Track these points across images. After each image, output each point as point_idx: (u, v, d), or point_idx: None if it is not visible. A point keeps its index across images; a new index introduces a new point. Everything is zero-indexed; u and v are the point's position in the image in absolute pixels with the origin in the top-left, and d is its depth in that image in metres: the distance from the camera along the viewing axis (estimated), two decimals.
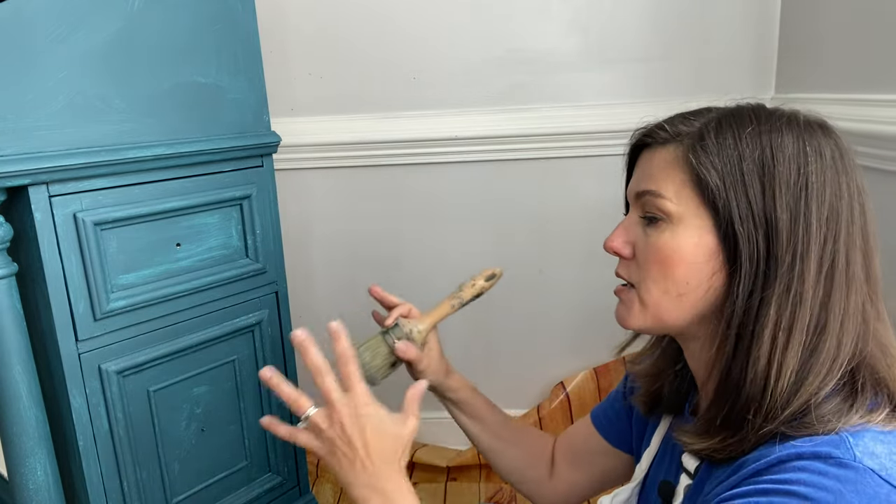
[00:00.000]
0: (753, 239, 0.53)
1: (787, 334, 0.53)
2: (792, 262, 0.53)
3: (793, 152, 0.54)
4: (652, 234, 0.58)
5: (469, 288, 0.85)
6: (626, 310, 0.62)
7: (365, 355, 0.82)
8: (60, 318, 0.93)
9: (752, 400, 0.54)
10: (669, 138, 0.58)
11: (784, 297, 0.53)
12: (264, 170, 1.14)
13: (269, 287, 1.19)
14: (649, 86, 1.49)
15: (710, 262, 0.56)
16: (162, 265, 1.04)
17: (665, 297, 0.58)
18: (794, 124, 0.55)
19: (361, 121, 1.53)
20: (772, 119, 0.56)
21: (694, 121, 0.58)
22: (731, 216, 0.54)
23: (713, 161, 0.54)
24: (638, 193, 0.60)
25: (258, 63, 1.11)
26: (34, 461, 0.93)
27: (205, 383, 1.13)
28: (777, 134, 0.54)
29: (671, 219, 0.57)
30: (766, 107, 0.58)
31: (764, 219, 0.53)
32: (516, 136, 1.51)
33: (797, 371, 0.53)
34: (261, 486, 1.25)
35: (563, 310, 1.64)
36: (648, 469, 0.73)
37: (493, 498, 1.56)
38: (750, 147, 0.54)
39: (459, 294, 0.85)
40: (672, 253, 0.56)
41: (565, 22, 1.47)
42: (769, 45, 1.46)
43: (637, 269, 0.60)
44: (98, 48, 0.92)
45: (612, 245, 0.62)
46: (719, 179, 0.54)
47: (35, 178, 0.87)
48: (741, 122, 0.56)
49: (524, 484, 0.89)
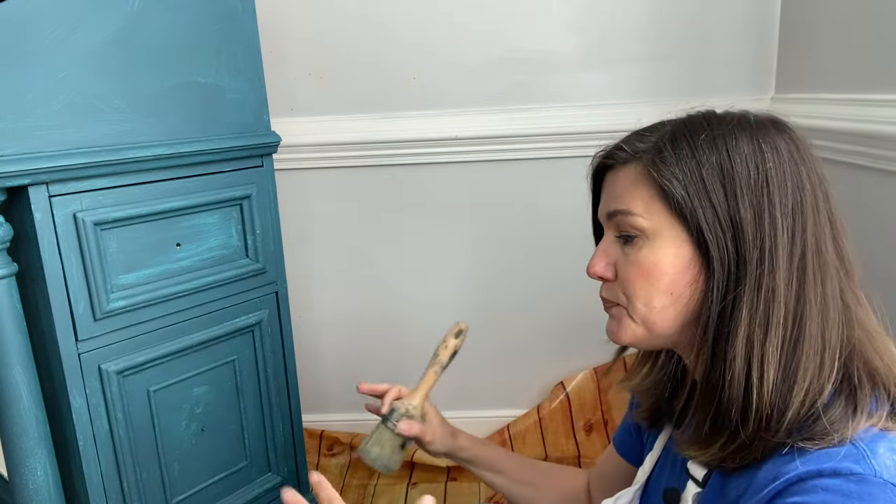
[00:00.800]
0: (723, 243, 0.54)
1: (763, 330, 0.53)
2: (760, 258, 0.54)
3: (749, 152, 0.55)
4: (630, 252, 0.59)
5: (444, 350, 0.88)
6: (617, 325, 0.62)
7: (374, 450, 0.85)
8: (60, 318, 0.93)
9: (733, 401, 0.54)
10: (629, 157, 0.60)
11: (756, 293, 0.54)
12: (264, 170, 1.14)
13: (269, 287, 1.19)
14: (649, 86, 1.49)
15: (689, 270, 0.57)
16: (162, 265, 1.04)
17: (652, 310, 0.59)
18: (746, 124, 0.57)
19: (361, 121, 1.53)
20: (723, 123, 0.57)
21: (649, 136, 0.60)
22: (700, 223, 0.55)
23: (674, 172, 0.56)
24: (609, 214, 0.61)
25: (258, 63, 1.11)
26: (34, 461, 0.93)
27: (205, 383, 1.13)
28: (731, 137, 0.55)
29: (646, 234, 0.58)
30: (716, 112, 0.60)
31: (730, 221, 0.54)
32: (516, 136, 1.50)
33: (783, 366, 0.53)
34: (261, 486, 1.25)
35: (563, 310, 1.64)
36: (650, 473, 0.72)
37: (493, 498, 1.56)
38: (707, 153, 0.55)
39: (438, 360, 0.88)
40: (653, 267, 0.57)
41: (565, 22, 1.47)
42: (769, 45, 1.46)
43: (621, 290, 0.61)
44: (98, 48, 0.92)
45: (594, 270, 0.63)
46: (683, 189, 0.55)
47: (35, 178, 0.87)
48: (694, 131, 0.57)
49: None
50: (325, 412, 1.75)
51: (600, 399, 1.65)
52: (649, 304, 0.58)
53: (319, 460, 1.70)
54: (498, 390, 1.73)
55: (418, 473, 1.65)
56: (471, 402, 1.72)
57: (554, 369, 1.68)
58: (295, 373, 1.27)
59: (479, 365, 1.67)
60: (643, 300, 0.59)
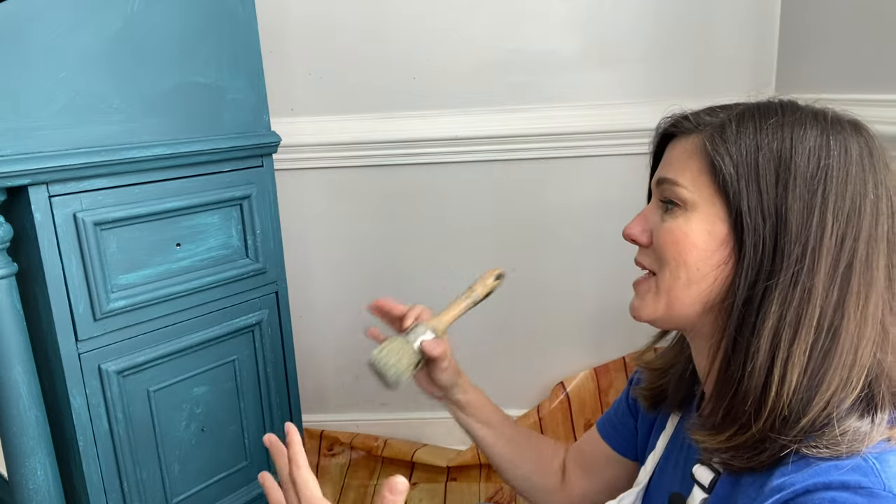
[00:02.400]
0: (760, 230, 0.53)
1: (793, 329, 0.52)
2: (801, 255, 0.52)
3: (814, 145, 0.53)
4: (668, 219, 0.58)
5: (481, 286, 0.85)
6: (640, 300, 0.62)
7: (390, 358, 0.80)
8: (60, 318, 0.93)
9: (750, 393, 0.53)
10: (693, 128, 0.59)
11: (790, 290, 0.52)
12: (264, 170, 1.14)
13: (269, 287, 1.19)
14: (649, 86, 1.49)
15: (720, 250, 0.55)
16: (162, 265, 1.04)
17: (676, 283, 0.58)
18: (822, 119, 0.55)
19: (361, 121, 1.53)
20: (797, 113, 0.55)
21: (719, 112, 0.58)
22: (741, 205, 0.53)
23: (729, 150, 0.54)
24: (658, 181, 0.61)
25: (258, 63, 1.11)
26: (34, 461, 0.93)
27: (205, 383, 1.13)
28: (800, 127, 0.54)
29: (686, 205, 0.57)
30: (796, 102, 0.57)
31: (774, 210, 0.53)
32: (516, 136, 1.50)
33: (808, 372, 0.51)
34: (261, 486, 1.25)
35: (563, 309, 1.64)
36: (653, 473, 0.72)
37: (493, 498, 1.56)
38: (769, 137, 0.54)
39: (473, 293, 0.85)
40: (684, 238, 0.56)
41: (565, 22, 1.47)
42: (769, 45, 1.46)
43: (654, 256, 0.60)
44: (98, 48, 0.92)
45: (629, 232, 0.63)
46: (733, 168, 0.54)
47: (35, 178, 0.87)
48: (766, 114, 0.55)
49: (536, 492, 0.88)
50: (325, 412, 1.75)
51: (600, 399, 1.65)
52: (675, 276, 0.58)
53: (319, 460, 1.70)
54: (498, 390, 1.72)
55: (418, 473, 1.65)
56: None
57: (554, 369, 1.68)
58: (295, 373, 1.27)
59: (479, 364, 1.67)
60: (672, 269, 0.58)
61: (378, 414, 1.74)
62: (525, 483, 0.89)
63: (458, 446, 1.68)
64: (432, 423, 1.72)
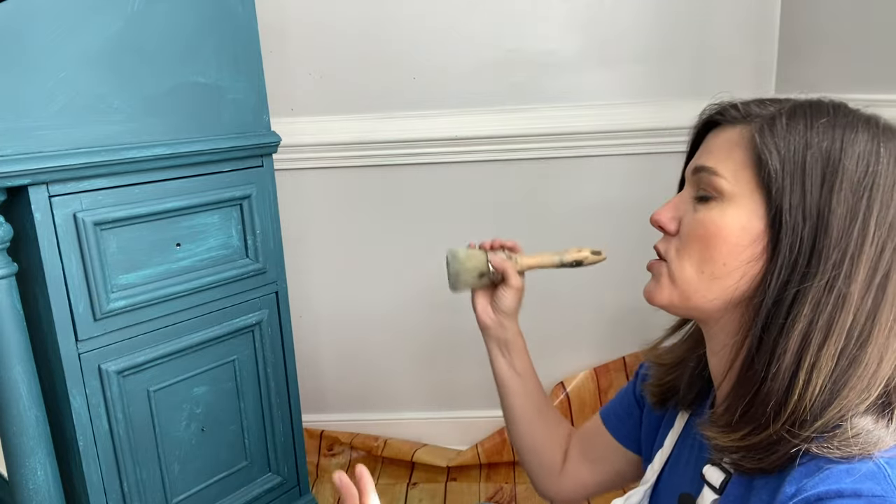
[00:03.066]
0: (799, 229, 0.51)
1: (823, 334, 0.51)
2: (840, 260, 0.51)
3: (864, 150, 0.52)
4: (701, 209, 0.57)
5: (575, 251, 0.87)
6: (655, 284, 0.60)
7: (461, 254, 0.85)
8: (60, 318, 0.93)
9: (772, 395, 0.52)
10: (740, 118, 0.57)
11: (825, 294, 0.51)
12: (264, 170, 1.14)
13: (269, 287, 1.19)
14: (649, 86, 1.49)
15: (753, 246, 0.54)
16: (162, 265, 1.04)
17: (698, 276, 0.56)
18: (873, 124, 0.54)
19: (361, 121, 1.52)
20: (850, 115, 0.54)
21: (770, 105, 0.56)
22: (782, 203, 0.52)
23: (777, 144, 0.53)
24: (696, 168, 0.58)
25: (258, 63, 1.11)
26: (34, 461, 0.93)
27: (205, 383, 1.13)
28: (852, 130, 0.52)
29: (723, 197, 0.55)
30: (847, 105, 0.56)
31: (816, 211, 0.51)
32: (516, 136, 1.50)
33: (833, 378, 0.51)
34: (261, 486, 1.25)
35: (563, 309, 1.64)
36: (661, 472, 0.71)
37: (493, 498, 1.56)
38: (819, 137, 0.52)
39: (564, 253, 0.87)
40: (717, 230, 0.55)
41: (565, 22, 1.47)
42: (769, 45, 1.46)
43: (676, 246, 0.59)
44: (98, 48, 0.92)
45: (659, 218, 0.61)
46: (779, 164, 0.52)
47: (35, 178, 0.87)
48: (817, 112, 0.54)
49: (537, 467, 0.88)
50: (325, 412, 1.75)
51: (600, 399, 1.65)
52: (697, 269, 0.56)
53: (319, 460, 1.70)
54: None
55: (418, 473, 1.65)
56: (471, 401, 1.71)
57: (554, 369, 1.68)
58: (295, 373, 1.27)
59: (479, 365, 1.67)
60: (693, 262, 0.56)
61: (378, 414, 1.74)
62: (529, 454, 0.88)
63: (458, 446, 1.68)
64: (432, 423, 1.72)
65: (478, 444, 1.66)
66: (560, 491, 0.87)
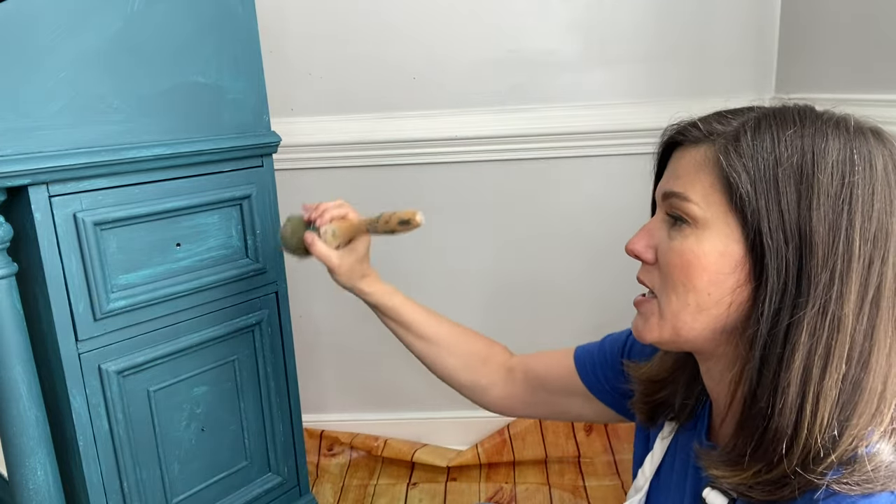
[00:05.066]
0: (783, 252, 0.49)
1: (823, 362, 0.48)
2: (830, 281, 0.48)
3: (837, 159, 0.48)
4: (676, 237, 0.54)
5: (383, 224, 0.85)
6: (644, 322, 0.58)
7: (286, 229, 0.90)
8: (60, 318, 0.93)
9: (782, 431, 0.49)
10: (702, 137, 0.54)
11: (819, 320, 0.48)
12: (264, 170, 1.14)
13: (269, 287, 1.19)
14: (649, 86, 1.49)
15: (735, 273, 0.51)
16: (162, 265, 1.04)
17: (685, 308, 0.53)
18: (843, 129, 0.50)
19: (361, 121, 1.53)
20: (818, 122, 0.51)
21: (732, 119, 0.53)
22: (760, 226, 0.49)
23: (745, 164, 0.50)
24: (665, 195, 0.56)
25: (258, 63, 1.11)
26: (34, 461, 0.93)
27: (205, 383, 1.13)
28: (821, 138, 0.49)
29: (697, 224, 0.52)
30: (814, 108, 0.53)
31: (797, 231, 0.48)
32: (516, 136, 1.50)
33: (840, 406, 0.48)
34: (261, 486, 1.25)
35: (563, 309, 1.64)
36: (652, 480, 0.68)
37: (493, 498, 1.56)
38: (788, 151, 0.49)
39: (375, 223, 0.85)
40: (695, 259, 0.52)
41: (565, 22, 1.47)
42: (769, 45, 1.46)
43: (659, 276, 0.56)
44: (98, 48, 0.92)
45: (633, 248, 0.58)
46: (750, 185, 0.49)
47: (35, 178, 0.87)
48: (783, 123, 0.51)
49: (457, 388, 0.89)
50: (325, 412, 1.75)
51: None
52: (682, 301, 0.53)
53: (319, 460, 1.70)
54: None
55: (418, 473, 1.65)
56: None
57: None
58: (295, 373, 1.27)
59: None
60: (677, 294, 0.54)
61: (378, 414, 1.74)
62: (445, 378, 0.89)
63: (458, 446, 1.68)
64: (432, 423, 1.72)
65: (478, 444, 1.67)
66: (499, 407, 0.88)
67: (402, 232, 0.83)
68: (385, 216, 0.84)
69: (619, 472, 1.60)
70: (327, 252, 0.86)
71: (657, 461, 0.68)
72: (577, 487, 1.57)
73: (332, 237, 0.86)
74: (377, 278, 0.91)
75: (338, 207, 0.89)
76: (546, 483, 1.59)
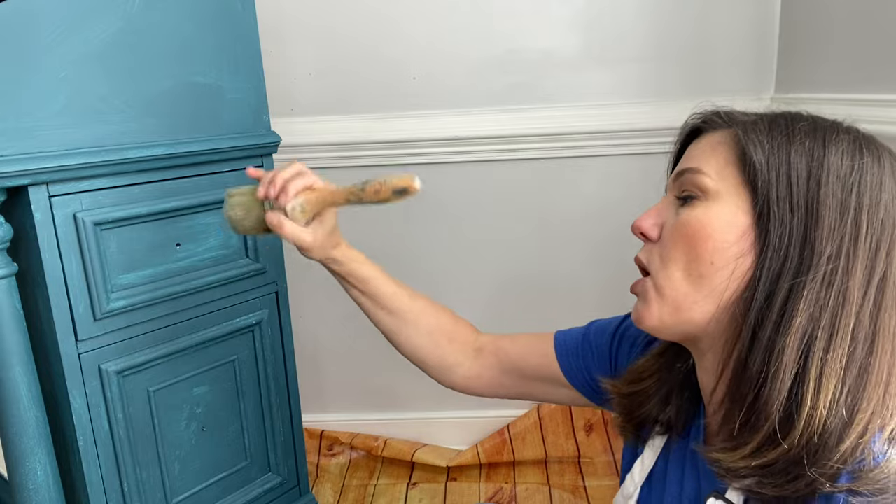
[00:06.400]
0: (787, 220, 0.50)
1: (827, 335, 0.48)
2: (836, 255, 0.49)
3: (847, 148, 0.51)
4: (684, 211, 0.55)
5: (372, 192, 0.72)
6: (643, 304, 0.57)
7: (236, 211, 0.74)
8: (60, 319, 0.93)
9: (776, 398, 0.49)
10: (723, 124, 0.57)
11: (824, 290, 0.49)
12: (264, 170, 1.14)
13: (269, 287, 1.19)
14: (649, 86, 1.49)
15: (740, 242, 0.52)
16: (162, 265, 1.04)
17: (686, 279, 0.54)
18: (853, 130, 0.54)
19: (361, 121, 1.53)
20: (828, 122, 0.54)
21: (751, 113, 0.57)
22: (769, 195, 0.51)
23: (761, 140, 0.52)
24: (679, 173, 0.57)
25: (258, 63, 1.11)
26: (34, 461, 0.93)
27: (205, 383, 1.13)
28: (833, 131, 0.52)
29: (708, 195, 0.54)
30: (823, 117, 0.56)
31: (804, 203, 0.50)
32: (516, 136, 1.50)
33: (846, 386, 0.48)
34: (261, 486, 1.25)
35: (563, 308, 1.64)
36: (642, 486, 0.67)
37: (493, 498, 1.56)
38: (801, 136, 0.52)
39: (360, 192, 0.73)
40: (701, 228, 0.53)
41: (565, 22, 1.47)
42: (769, 46, 1.46)
43: (659, 253, 0.56)
44: (98, 48, 0.92)
45: (640, 225, 0.59)
46: (763, 157, 0.52)
47: (35, 178, 0.87)
48: (796, 118, 0.54)
49: (423, 366, 0.86)
50: (325, 412, 1.75)
51: None
52: (683, 271, 0.54)
53: (319, 460, 1.70)
54: None
55: (418, 473, 1.65)
56: (471, 401, 1.71)
57: None
58: (295, 373, 1.27)
59: None
60: (680, 265, 0.54)
61: (378, 414, 1.74)
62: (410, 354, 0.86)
63: (459, 446, 1.68)
64: (432, 423, 1.72)
65: (478, 444, 1.67)
66: (467, 386, 0.85)
67: (395, 201, 0.72)
68: (374, 185, 0.72)
69: (618, 473, 1.60)
70: (299, 233, 0.74)
71: (648, 467, 0.67)
72: (577, 487, 1.57)
73: (301, 213, 0.73)
74: (348, 245, 0.83)
75: (300, 177, 0.75)
76: (546, 483, 1.59)
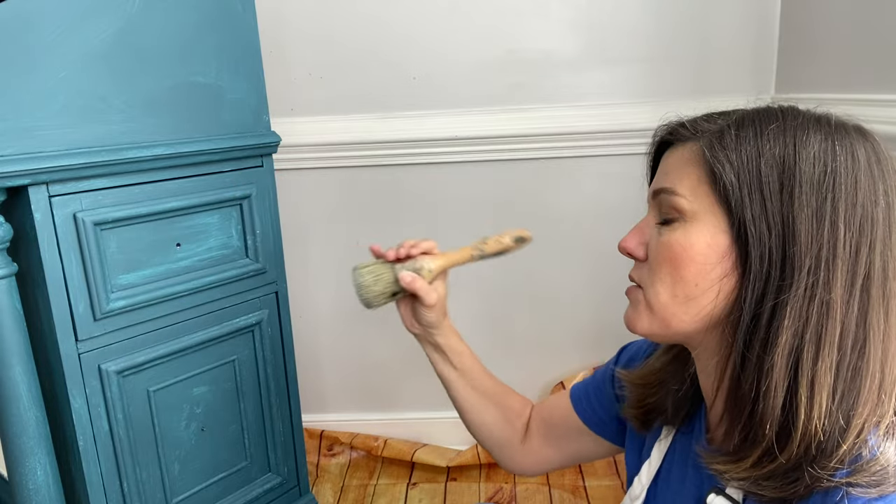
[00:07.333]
0: (766, 240, 0.50)
1: (814, 347, 0.49)
2: (815, 267, 0.49)
3: (819, 150, 0.50)
4: (665, 232, 0.55)
5: (494, 243, 0.82)
6: (634, 311, 0.59)
7: (367, 278, 0.78)
8: (60, 319, 0.93)
9: (770, 414, 0.50)
10: (690, 135, 0.56)
11: (806, 304, 0.49)
12: (264, 170, 1.14)
13: (269, 287, 1.19)
14: (649, 86, 1.49)
15: (722, 263, 0.52)
16: (162, 265, 1.04)
17: (673, 300, 0.55)
18: (824, 124, 0.52)
19: (361, 121, 1.53)
20: (799, 117, 0.53)
21: (717, 119, 0.56)
22: (744, 215, 0.51)
23: (729, 156, 0.52)
24: (655, 192, 0.58)
25: (258, 63, 1.11)
26: (34, 461, 0.93)
27: (205, 383, 1.13)
28: (803, 131, 0.51)
29: (685, 216, 0.54)
30: (796, 107, 0.55)
31: (780, 219, 0.50)
32: (516, 136, 1.50)
33: (838, 394, 0.49)
34: (261, 486, 1.25)
35: (563, 309, 1.64)
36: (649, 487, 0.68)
37: (493, 498, 1.56)
38: (770, 143, 0.51)
39: (482, 246, 0.81)
40: (682, 251, 0.53)
41: (565, 22, 1.47)
42: (769, 45, 1.46)
43: (647, 272, 0.57)
44: (98, 48, 0.92)
45: (625, 246, 0.60)
46: (734, 176, 0.51)
47: (35, 178, 0.87)
48: (765, 120, 0.53)
49: (494, 446, 0.87)
50: (325, 412, 1.75)
51: None
52: (670, 293, 0.55)
53: (319, 460, 1.70)
54: None
55: (418, 473, 1.65)
56: None
57: (554, 369, 1.68)
58: (295, 373, 1.27)
59: None
60: (665, 286, 0.55)
61: (378, 414, 1.74)
62: (484, 432, 0.87)
63: (459, 446, 1.68)
64: (432, 423, 1.72)
65: (477, 444, 1.67)
66: (524, 466, 0.86)
67: (514, 250, 0.83)
68: (494, 238, 0.82)
69: (618, 473, 1.60)
70: (430, 290, 0.78)
71: (655, 468, 0.68)
72: (577, 487, 1.57)
73: (429, 272, 0.79)
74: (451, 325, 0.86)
75: (423, 242, 0.82)
76: (546, 483, 1.59)
